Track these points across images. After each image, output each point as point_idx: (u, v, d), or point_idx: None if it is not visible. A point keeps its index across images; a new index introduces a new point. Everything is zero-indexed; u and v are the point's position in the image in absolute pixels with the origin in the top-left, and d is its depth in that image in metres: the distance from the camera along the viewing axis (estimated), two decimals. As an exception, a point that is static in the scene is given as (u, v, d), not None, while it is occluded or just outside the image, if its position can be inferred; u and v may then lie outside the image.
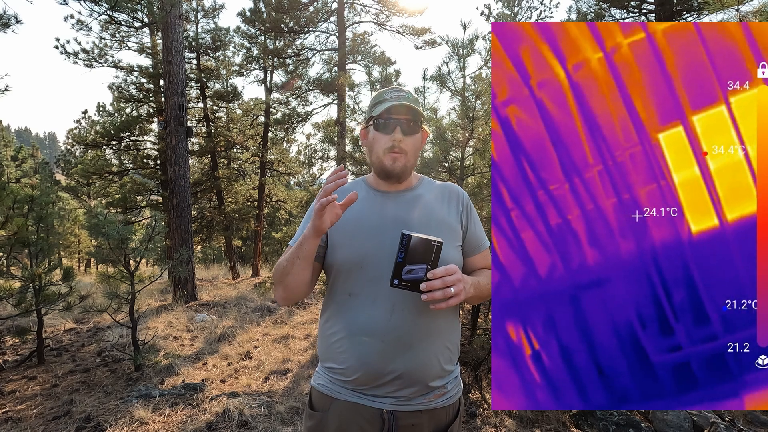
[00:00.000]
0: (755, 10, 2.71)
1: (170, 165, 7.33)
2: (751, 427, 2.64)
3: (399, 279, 0.95)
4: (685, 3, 6.93)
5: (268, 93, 12.98)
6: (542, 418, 2.86)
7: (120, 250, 3.90)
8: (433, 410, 1.10)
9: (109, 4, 5.54)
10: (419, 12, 12.33)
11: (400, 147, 1.13)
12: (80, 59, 10.31)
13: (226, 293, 8.32)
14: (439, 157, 3.94)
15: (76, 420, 2.87)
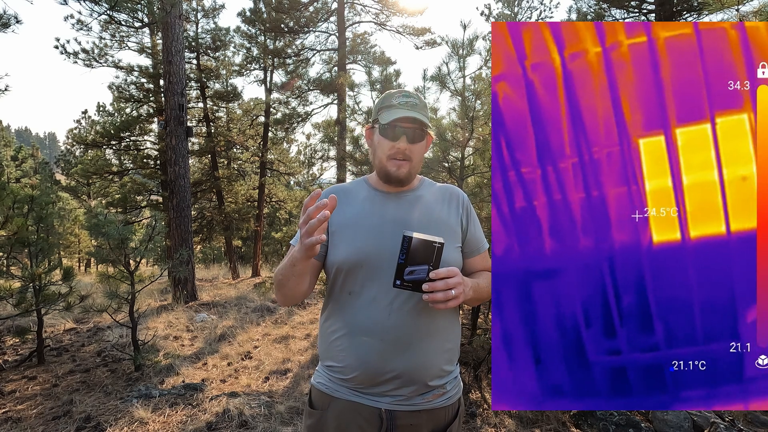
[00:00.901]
0: (755, 10, 2.71)
1: (170, 165, 7.33)
2: (751, 427, 2.64)
3: (401, 280, 0.95)
4: (685, 3, 6.93)
5: (268, 93, 12.98)
6: (542, 418, 2.86)
7: (120, 250, 3.90)
8: (432, 410, 1.10)
9: (109, 4, 5.54)
10: (419, 12, 12.33)
11: (405, 154, 1.13)
12: (80, 59, 10.32)
13: (226, 293, 8.32)
14: (439, 157, 3.93)
15: (76, 420, 2.87)
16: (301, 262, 1.00)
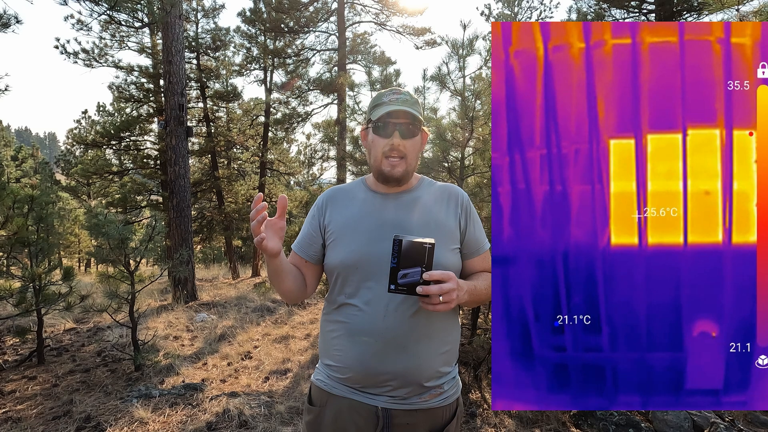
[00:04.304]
0: (755, 10, 2.71)
1: (170, 165, 7.33)
2: (751, 427, 2.64)
3: (395, 284, 0.95)
4: (685, 3, 6.92)
5: (268, 93, 12.98)
6: (542, 418, 2.86)
7: (120, 250, 3.90)
8: (428, 410, 1.10)
9: (109, 4, 5.54)
10: (419, 12, 12.33)
11: (399, 150, 1.13)
12: (80, 59, 10.32)
13: (226, 293, 8.32)
14: (439, 157, 3.93)
15: (76, 420, 2.87)
16: (268, 261, 1.10)
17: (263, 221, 1.00)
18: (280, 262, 1.10)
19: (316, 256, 1.21)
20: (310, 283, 1.24)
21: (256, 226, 0.99)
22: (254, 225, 0.99)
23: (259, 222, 0.99)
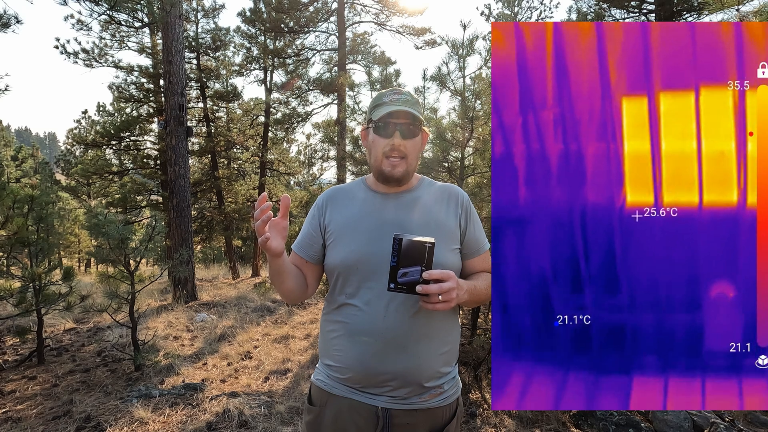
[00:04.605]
0: (755, 10, 2.71)
1: (170, 165, 7.33)
2: (751, 427, 2.64)
3: (395, 283, 0.95)
4: (685, 3, 6.92)
5: (268, 93, 12.97)
6: (542, 418, 2.86)
7: (120, 250, 3.90)
8: (428, 410, 1.10)
9: (109, 4, 5.54)
10: (419, 12, 12.33)
11: (400, 150, 1.13)
12: (80, 59, 10.31)
13: (226, 293, 8.32)
14: (439, 157, 3.94)
15: (76, 420, 2.87)
16: (270, 260, 1.09)
17: (268, 221, 0.99)
18: (282, 262, 1.10)
19: (316, 256, 1.21)
20: (310, 283, 1.24)
21: (261, 226, 0.98)
22: (259, 225, 0.98)
23: (264, 222, 0.98)
